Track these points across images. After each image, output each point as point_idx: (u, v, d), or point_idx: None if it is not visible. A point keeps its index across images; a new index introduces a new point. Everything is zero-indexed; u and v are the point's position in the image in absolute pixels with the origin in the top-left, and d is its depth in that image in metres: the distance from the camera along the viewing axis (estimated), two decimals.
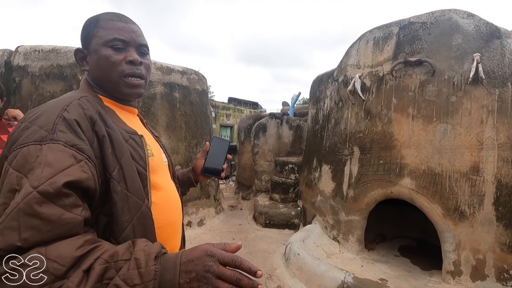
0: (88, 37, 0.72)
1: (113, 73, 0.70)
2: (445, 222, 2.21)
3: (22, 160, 0.52)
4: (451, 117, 2.22)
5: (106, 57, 0.69)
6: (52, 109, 0.59)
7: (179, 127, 3.72)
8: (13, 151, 0.54)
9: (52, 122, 0.56)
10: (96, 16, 0.74)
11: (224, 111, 15.41)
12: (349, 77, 2.90)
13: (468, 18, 2.27)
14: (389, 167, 2.49)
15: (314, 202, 3.33)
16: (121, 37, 0.70)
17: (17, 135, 0.56)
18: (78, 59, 0.75)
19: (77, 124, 0.58)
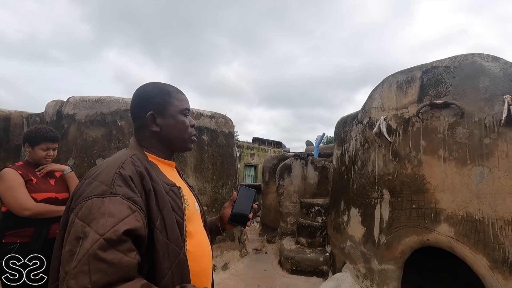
0: (163, 104, 0.86)
1: (185, 134, 0.89)
2: (493, 275, 1.99)
3: (87, 211, 0.60)
4: (486, 159, 2.12)
5: (183, 122, 0.88)
6: (111, 167, 0.69)
7: (206, 169, 3.83)
8: (78, 203, 0.63)
9: (111, 178, 0.66)
10: (165, 88, 0.89)
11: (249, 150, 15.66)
12: (373, 119, 2.92)
13: (493, 61, 2.28)
14: (423, 212, 2.36)
15: (343, 248, 3.16)
16: (188, 107, 0.91)
17: (82, 189, 0.66)
18: (150, 121, 0.85)
19: (130, 180, 0.68)
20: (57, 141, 1.82)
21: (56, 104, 3.52)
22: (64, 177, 1.82)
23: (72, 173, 1.84)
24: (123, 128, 3.29)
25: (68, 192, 1.80)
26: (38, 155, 1.74)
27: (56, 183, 1.80)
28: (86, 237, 0.55)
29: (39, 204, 1.63)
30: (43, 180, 1.75)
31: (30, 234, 1.58)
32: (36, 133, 1.73)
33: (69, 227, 0.60)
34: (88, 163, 3.14)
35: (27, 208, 1.57)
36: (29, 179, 1.67)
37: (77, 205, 0.63)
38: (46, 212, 1.63)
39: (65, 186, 1.81)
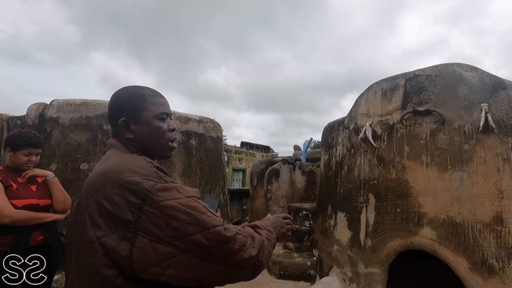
0: (137, 110, 0.82)
1: (163, 140, 0.85)
2: (473, 277, 2.06)
3: (165, 192, 0.65)
4: (466, 165, 2.21)
5: (159, 127, 0.84)
6: (139, 164, 0.72)
7: (194, 173, 3.80)
8: (147, 195, 0.64)
9: (154, 172, 0.70)
10: (140, 91, 0.85)
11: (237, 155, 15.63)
12: (359, 125, 2.99)
13: (471, 71, 2.39)
14: (407, 215, 2.42)
15: (330, 252, 3.19)
16: (166, 111, 0.86)
17: (132, 187, 0.65)
18: (123, 127, 0.83)
19: (166, 173, 0.75)
20: (41, 147, 1.77)
21: (38, 107, 3.42)
22: (46, 183, 1.77)
23: (55, 178, 1.79)
24: (109, 132, 3.22)
25: (50, 198, 1.75)
26: (19, 161, 1.68)
27: (38, 189, 1.74)
28: (190, 202, 0.66)
29: (18, 211, 1.57)
30: (24, 186, 1.69)
31: (9, 242, 1.52)
32: (19, 138, 1.67)
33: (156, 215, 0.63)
34: (72, 168, 3.06)
35: (6, 215, 1.51)
36: (9, 185, 1.62)
37: (144, 198, 0.64)
38: (26, 219, 1.58)
39: (47, 192, 1.76)
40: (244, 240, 0.68)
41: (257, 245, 0.71)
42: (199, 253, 0.63)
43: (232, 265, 0.66)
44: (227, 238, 0.65)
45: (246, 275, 0.69)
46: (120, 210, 0.63)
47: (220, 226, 0.66)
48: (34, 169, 1.75)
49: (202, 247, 0.63)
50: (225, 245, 0.64)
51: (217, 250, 0.64)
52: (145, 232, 0.62)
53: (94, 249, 0.64)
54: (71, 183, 2.82)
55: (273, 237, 0.82)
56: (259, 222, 0.84)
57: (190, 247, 0.62)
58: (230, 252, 0.65)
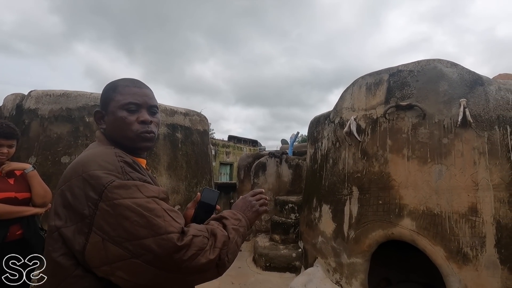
0: (107, 101, 0.83)
1: (128, 131, 0.81)
2: (449, 265, 2.16)
3: (122, 190, 0.63)
4: (444, 158, 2.29)
5: (122, 118, 0.80)
6: (107, 157, 0.70)
7: (180, 167, 3.77)
8: (103, 191, 0.62)
9: (119, 167, 0.68)
10: (115, 82, 0.86)
11: (224, 148, 15.58)
12: (344, 119, 3.03)
13: (451, 67, 2.46)
14: (389, 207, 2.50)
15: (315, 243, 3.26)
16: (135, 101, 0.82)
17: (92, 182, 0.64)
18: (97, 119, 0.85)
19: (136, 165, 0.72)
20: (14, 138, 1.70)
21: (15, 97, 3.27)
22: (25, 176, 1.71)
23: (34, 172, 1.73)
24: (92, 125, 3.14)
25: (29, 192, 1.70)
26: None
27: (16, 182, 1.68)
28: (148, 202, 0.64)
29: None
30: (1, 179, 1.63)
31: None
32: None
33: (109, 213, 0.61)
34: (52, 161, 2.97)
35: None
36: None
37: (100, 194, 0.62)
38: (4, 213, 1.53)
39: (26, 185, 1.70)
40: (202, 244, 0.65)
41: (219, 243, 0.68)
42: (149, 260, 0.60)
43: (188, 272, 0.63)
44: (179, 247, 0.61)
45: (209, 277, 0.67)
46: (79, 203, 0.63)
47: (175, 233, 0.62)
48: (11, 163, 1.69)
49: (152, 253, 0.59)
50: (177, 254, 0.61)
51: (168, 259, 0.60)
52: (99, 229, 0.61)
53: (54, 238, 0.65)
54: (52, 176, 2.73)
55: (242, 224, 0.80)
56: (226, 212, 0.82)
57: (140, 251, 0.59)
58: (183, 260, 0.61)
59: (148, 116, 0.83)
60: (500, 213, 2.07)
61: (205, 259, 0.64)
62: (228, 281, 3.37)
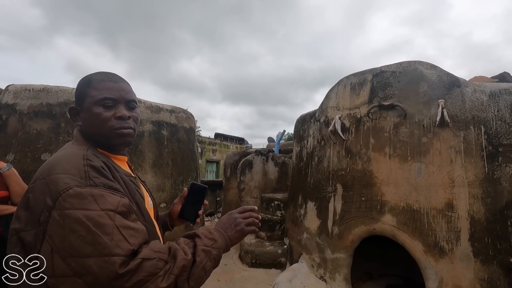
0: (81, 96, 0.80)
1: (104, 128, 0.77)
2: (427, 258, 2.26)
3: (75, 200, 0.59)
4: (424, 156, 2.39)
5: (97, 114, 0.76)
6: (74, 160, 0.67)
7: (165, 164, 3.73)
8: (57, 198, 0.59)
9: (83, 171, 0.64)
10: (90, 77, 0.82)
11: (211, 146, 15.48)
12: (329, 117, 3.10)
13: (431, 69, 2.56)
14: (371, 204, 2.58)
15: (300, 240, 3.32)
16: (111, 96, 0.78)
17: (51, 187, 0.61)
18: (72, 116, 0.82)
19: (103, 169, 0.68)
20: None
21: None
22: (1, 174, 1.66)
23: (10, 171, 1.68)
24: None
25: (7, 190, 1.64)
26: None
27: None
28: (100, 217, 0.58)
29: None
30: None
31: None
32: None
33: (59, 223, 0.57)
34: (32, 158, 2.87)
35: None
36: None
37: (55, 201, 0.59)
38: None
39: (3, 184, 1.65)
40: (154, 268, 0.58)
41: (176, 269, 0.60)
42: (89, 282, 0.55)
43: None
44: (119, 274, 0.55)
45: None
46: (38, 208, 0.60)
47: (119, 256, 0.56)
48: None
49: (92, 275, 0.55)
50: (117, 281, 0.55)
51: (108, 285, 0.55)
52: (50, 238, 0.57)
53: (12, 242, 0.61)
54: (31, 174, 2.61)
55: (217, 246, 0.70)
56: (201, 229, 0.74)
57: (82, 271, 0.55)
58: (125, 287, 0.55)
59: (126, 111, 0.80)
60: (474, 208, 2.19)
61: (153, 287, 0.57)
62: (214, 278, 3.38)
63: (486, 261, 2.11)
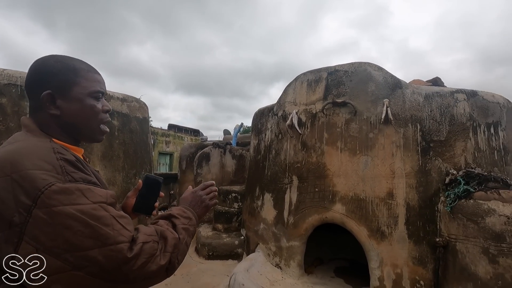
0: (67, 84, 0.72)
1: (94, 121, 0.77)
2: (370, 242, 2.52)
3: (61, 196, 0.56)
4: (370, 150, 2.63)
5: (92, 106, 0.75)
6: (42, 154, 0.61)
7: (116, 157, 3.49)
8: (38, 196, 0.54)
9: (58, 165, 0.60)
10: (72, 64, 0.74)
11: (164, 138, 14.85)
12: (287, 112, 3.21)
13: (378, 71, 2.81)
14: (324, 194, 2.76)
15: (257, 230, 3.42)
16: (101, 89, 0.78)
17: (25, 184, 0.55)
18: (47, 102, 0.71)
19: (79, 163, 0.65)
20: None
21: None
22: None
23: None
24: (5, 107, 2.68)
25: None
26: None
27: None
28: (94, 209, 0.58)
29: None
30: None
31: None
32: None
33: (47, 222, 0.54)
34: None
35: None
36: None
37: (35, 200, 0.54)
38: None
39: None
40: (153, 250, 0.63)
41: (169, 247, 0.66)
42: (94, 272, 0.55)
43: (137, 281, 0.60)
44: (129, 258, 0.58)
45: (158, 281, 0.65)
46: (7, 209, 0.55)
47: (125, 243, 0.59)
48: None
49: (98, 265, 0.55)
50: (126, 265, 0.58)
51: (117, 271, 0.57)
52: (32, 239, 0.54)
53: None
54: None
55: (192, 223, 0.79)
56: (175, 210, 0.79)
57: (84, 263, 0.55)
58: (132, 271, 0.58)
59: None
60: (410, 196, 2.49)
61: (155, 266, 0.61)
62: None
63: (418, 242, 2.43)
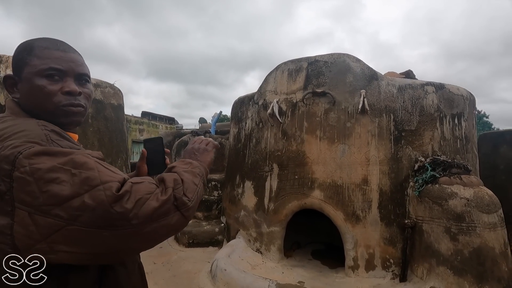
0: (20, 64, 0.70)
1: (48, 104, 0.69)
2: (346, 225, 2.67)
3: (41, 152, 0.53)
4: (347, 139, 2.75)
5: (40, 87, 0.67)
6: (28, 128, 0.60)
7: (90, 145, 3.35)
8: (16, 158, 0.52)
9: (43, 134, 0.58)
10: (31, 42, 0.71)
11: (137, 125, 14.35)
12: (268, 101, 3.24)
13: (356, 62, 2.90)
14: (303, 181, 2.86)
15: (237, 217, 3.48)
16: (58, 67, 0.69)
17: (5, 152, 0.53)
18: (8, 86, 0.72)
19: (64, 133, 0.64)
20: None
21: None
22: None
23: None
24: None
25: None
26: None
27: None
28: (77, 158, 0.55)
29: None
30: None
31: None
32: None
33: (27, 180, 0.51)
34: None
35: None
36: None
37: (13, 163, 0.52)
38: None
39: None
40: (149, 188, 0.57)
41: (169, 183, 0.60)
42: (88, 220, 0.51)
43: (141, 222, 0.53)
44: (117, 195, 0.53)
45: (174, 223, 0.58)
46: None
47: (113, 182, 0.54)
48: None
49: (89, 211, 0.51)
50: (116, 204, 0.52)
51: (108, 212, 0.51)
52: (21, 203, 0.51)
53: None
54: None
55: (195, 165, 0.72)
56: (173, 163, 0.73)
57: (75, 213, 0.50)
58: (127, 209, 0.52)
59: (76, 86, 0.71)
60: (383, 182, 2.65)
61: (156, 202, 0.55)
62: (150, 262, 3.30)
63: (389, 224, 2.62)
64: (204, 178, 0.73)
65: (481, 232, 2.18)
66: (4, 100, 2.57)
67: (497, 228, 2.23)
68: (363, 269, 2.62)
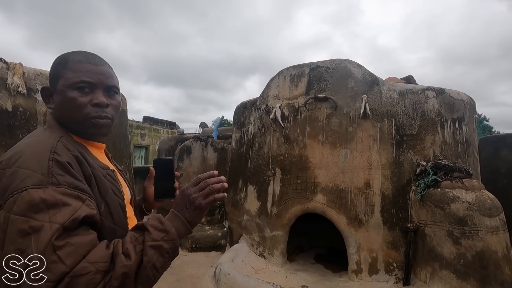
0: (55, 77, 0.74)
1: (78, 115, 0.72)
2: (349, 229, 2.69)
3: (26, 205, 0.53)
4: (349, 143, 2.78)
5: (71, 99, 0.71)
6: (38, 153, 0.60)
7: None
8: (8, 198, 0.53)
9: (46, 166, 0.58)
10: (66, 56, 0.75)
11: (139, 130, 14.41)
12: (270, 106, 3.28)
13: (357, 68, 2.95)
14: (306, 185, 2.89)
15: (240, 222, 3.50)
16: (88, 79, 0.72)
17: (6, 181, 0.55)
18: (44, 97, 0.76)
19: (70, 166, 0.61)
20: None
21: None
22: None
23: None
24: None
25: None
26: None
27: None
28: (40, 230, 0.51)
29: None
30: None
31: None
32: None
33: (3, 226, 0.52)
34: None
35: None
36: None
37: (6, 201, 0.53)
38: None
39: None
40: (90, 283, 0.51)
41: (115, 280, 0.53)
42: None
43: None
44: None
45: None
46: None
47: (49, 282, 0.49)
48: None
49: None
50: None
51: None
52: None
53: None
54: None
55: (170, 237, 0.63)
56: (151, 220, 0.65)
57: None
58: None
59: (104, 98, 0.74)
60: (385, 186, 2.68)
61: None
62: None
63: (391, 228, 2.63)
64: (174, 253, 0.64)
65: (484, 236, 2.20)
66: (11, 106, 2.61)
67: (500, 232, 2.25)
68: (366, 273, 2.63)
